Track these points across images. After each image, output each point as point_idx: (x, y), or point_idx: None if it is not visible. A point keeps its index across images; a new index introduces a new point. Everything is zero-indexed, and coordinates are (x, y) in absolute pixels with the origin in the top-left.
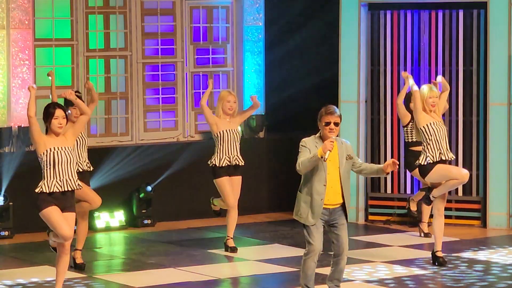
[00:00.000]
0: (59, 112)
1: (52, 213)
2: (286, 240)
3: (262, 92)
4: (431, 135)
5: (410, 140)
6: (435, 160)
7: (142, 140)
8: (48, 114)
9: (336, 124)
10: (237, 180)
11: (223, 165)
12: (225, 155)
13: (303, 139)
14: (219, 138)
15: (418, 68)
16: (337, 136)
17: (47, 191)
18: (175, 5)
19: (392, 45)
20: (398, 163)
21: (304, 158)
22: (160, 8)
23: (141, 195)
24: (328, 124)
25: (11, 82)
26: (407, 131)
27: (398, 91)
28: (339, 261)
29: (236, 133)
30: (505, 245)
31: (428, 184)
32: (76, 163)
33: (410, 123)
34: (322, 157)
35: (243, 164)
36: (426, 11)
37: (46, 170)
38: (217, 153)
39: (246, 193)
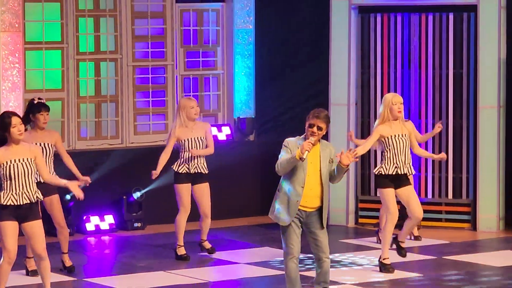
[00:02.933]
0: (15, 120)
1: (5, 228)
2: (276, 243)
3: (252, 95)
4: (389, 147)
5: None
6: (387, 173)
7: (132, 143)
8: (4, 124)
9: (320, 129)
10: (204, 186)
11: (182, 172)
12: (186, 162)
13: (286, 139)
14: (181, 146)
15: (408, 71)
16: (327, 138)
17: (2, 203)
18: (166, 8)
19: (382, 48)
20: (357, 153)
21: (283, 158)
22: (150, 11)
23: (130, 200)
24: (311, 126)
25: (1, 85)
26: None
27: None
28: (321, 264)
29: (200, 141)
30: (495, 248)
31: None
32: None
33: None
34: (300, 158)
35: (206, 172)
36: (416, 14)
37: (4, 182)
38: (179, 159)
39: (236, 196)
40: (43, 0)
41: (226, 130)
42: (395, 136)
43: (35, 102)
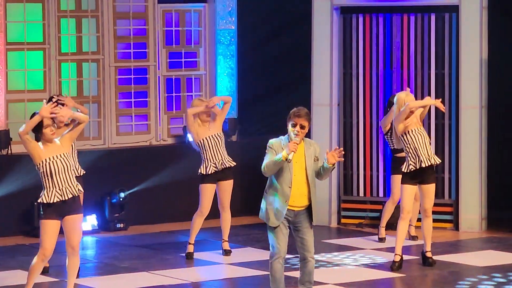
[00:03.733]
0: (47, 121)
1: (47, 226)
2: (259, 244)
3: (235, 96)
4: (410, 143)
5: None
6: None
7: (114, 144)
8: (37, 125)
9: (302, 127)
10: (228, 184)
11: (210, 172)
12: (211, 162)
13: (270, 140)
14: (202, 146)
15: (390, 72)
16: (309, 138)
17: (48, 202)
18: (148, 9)
19: (364, 48)
20: (343, 151)
21: (269, 160)
22: (132, 12)
23: (113, 200)
24: (294, 125)
25: None
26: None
27: (370, 95)
28: (306, 264)
29: (218, 138)
30: (478, 248)
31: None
32: (73, 168)
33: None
34: (286, 159)
35: (233, 165)
36: (398, 15)
37: (45, 180)
38: (204, 161)
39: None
40: (24, 1)
41: None
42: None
43: (54, 99)
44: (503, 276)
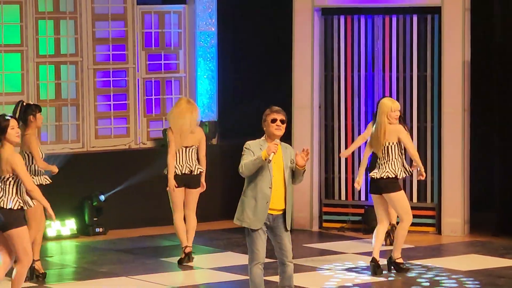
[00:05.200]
0: (13, 122)
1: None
2: (240, 248)
3: (215, 98)
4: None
5: None
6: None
7: (93, 147)
8: (2, 127)
9: (283, 122)
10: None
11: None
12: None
13: (247, 142)
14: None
15: (372, 74)
16: (290, 140)
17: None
18: (127, 10)
19: (346, 50)
20: (308, 150)
21: (247, 160)
22: (111, 13)
23: (94, 203)
24: (274, 121)
25: None
26: None
27: (352, 97)
28: (285, 268)
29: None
30: (460, 252)
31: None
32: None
33: None
34: (266, 159)
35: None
36: (379, 16)
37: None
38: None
39: (198, 201)
40: (2, 2)
41: None
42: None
43: (28, 103)
44: (486, 280)
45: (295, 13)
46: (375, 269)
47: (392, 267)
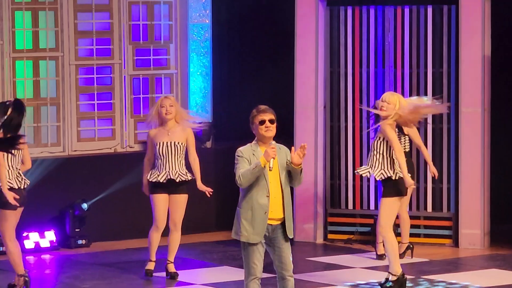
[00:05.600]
0: None
1: None
2: (236, 262)
3: (209, 97)
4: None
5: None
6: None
7: (75, 151)
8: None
9: (272, 121)
10: (180, 198)
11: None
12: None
13: (239, 149)
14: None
15: (382, 70)
16: (292, 143)
17: None
18: (112, 1)
19: (354, 44)
20: (305, 146)
21: (244, 169)
22: (95, 4)
23: (75, 213)
24: (263, 122)
25: None
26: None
27: (360, 95)
28: (286, 283)
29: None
30: (479, 267)
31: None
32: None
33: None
34: (265, 166)
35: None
36: (391, 7)
37: None
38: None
39: (191, 210)
40: None
41: None
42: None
43: (12, 101)
44: None
45: (298, 3)
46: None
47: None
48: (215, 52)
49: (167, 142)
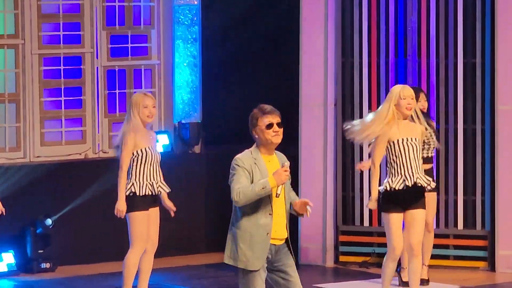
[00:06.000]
0: None
1: None
2: None
3: (198, 93)
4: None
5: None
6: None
7: (38, 157)
8: None
9: (280, 125)
10: (157, 211)
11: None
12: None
13: (237, 157)
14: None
15: (404, 60)
16: (297, 149)
17: None
18: None
19: (370, 30)
20: (310, 204)
21: (243, 184)
22: None
23: (38, 230)
24: (270, 126)
25: None
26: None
27: (378, 91)
28: None
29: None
30: None
31: None
32: None
33: None
34: (277, 194)
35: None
36: None
37: None
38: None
39: (176, 228)
40: None
41: (164, 140)
42: (403, 140)
43: None
44: None
45: None
46: None
47: None
48: (205, 39)
49: (150, 147)
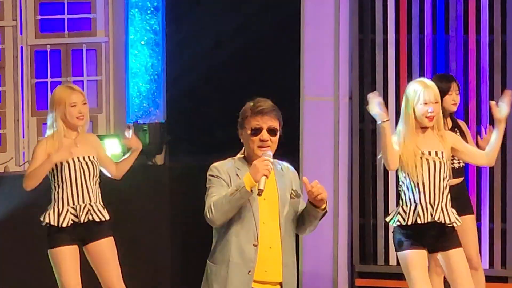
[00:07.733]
0: None
1: None
2: None
3: (162, 82)
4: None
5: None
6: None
7: None
8: None
9: (273, 132)
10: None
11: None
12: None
13: (213, 165)
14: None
15: (444, 37)
16: (298, 154)
17: None
18: None
19: (398, 1)
20: (318, 184)
21: (218, 197)
22: None
23: None
24: (256, 132)
25: None
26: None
27: (409, 77)
28: None
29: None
30: None
31: None
32: None
33: None
34: (252, 190)
35: (108, 219)
36: None
37: None
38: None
39: (133, 259)
40: None
41: (113, 147)
42: (421, 154)
43: None
44: None
45: None
46: None
47: None
48: (170, 9)
49: (78, 158)
